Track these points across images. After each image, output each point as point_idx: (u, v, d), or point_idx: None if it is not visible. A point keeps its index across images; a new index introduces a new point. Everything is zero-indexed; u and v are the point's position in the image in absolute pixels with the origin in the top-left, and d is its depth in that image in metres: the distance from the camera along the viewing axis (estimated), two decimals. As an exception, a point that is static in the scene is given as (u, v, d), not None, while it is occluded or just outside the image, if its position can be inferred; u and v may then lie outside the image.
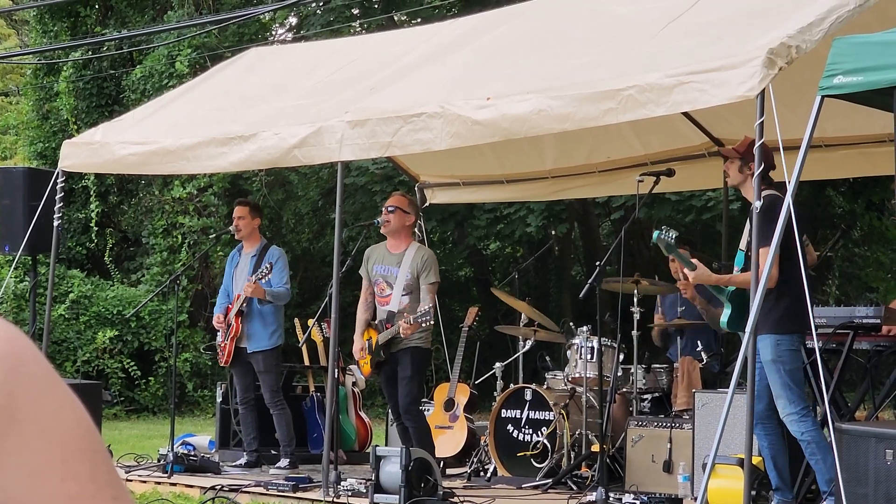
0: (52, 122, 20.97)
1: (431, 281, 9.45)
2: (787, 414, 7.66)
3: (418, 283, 9.45)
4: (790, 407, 7.65)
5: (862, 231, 19.95)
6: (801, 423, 7.63)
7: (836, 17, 7.00)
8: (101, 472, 1.07)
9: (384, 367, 9.60)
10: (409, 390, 9.48)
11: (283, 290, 10.77)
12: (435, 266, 9.58)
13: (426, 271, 9.45)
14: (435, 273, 9.52)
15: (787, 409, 7.66)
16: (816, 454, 7.61)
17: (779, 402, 7.69)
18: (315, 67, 11.13)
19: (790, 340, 7.70)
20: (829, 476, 7.54)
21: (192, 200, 19.48)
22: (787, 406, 7.66)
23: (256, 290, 10.57)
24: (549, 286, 21.94)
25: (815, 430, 7.66)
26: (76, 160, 10.98)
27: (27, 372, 1.04)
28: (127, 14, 21.18)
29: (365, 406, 12.73)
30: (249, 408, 10.95)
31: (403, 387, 9.46)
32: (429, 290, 9.42)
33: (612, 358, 9.71)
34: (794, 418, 7.65)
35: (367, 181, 18.15)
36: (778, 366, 7.66)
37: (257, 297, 10.62)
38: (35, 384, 1.04)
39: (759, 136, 6.96)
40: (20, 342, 1.06)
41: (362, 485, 8.87)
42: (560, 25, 9.51)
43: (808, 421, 7.63)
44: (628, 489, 8.98)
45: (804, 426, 7.62)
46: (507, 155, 11.90)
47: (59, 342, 18.16)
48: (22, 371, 1.04)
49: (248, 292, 10.58)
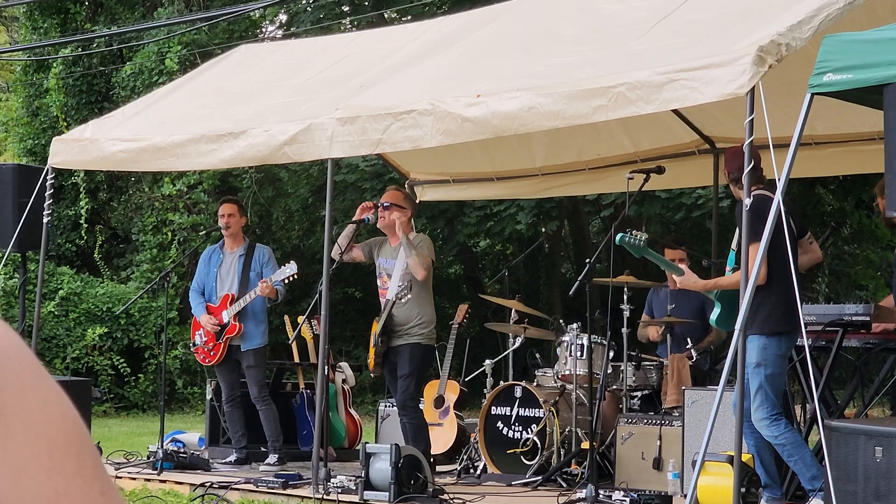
0: (42, 118, 20.92)
1: (424, 253, 9.46)
2: (760, 419, 7.66)
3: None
4: (762, 412, 7.64)
5: (851, 229, 19.96)
6: (772, 426, 7.62)
7: (826, 15, 7.01)
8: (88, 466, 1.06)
9: (387, 360, 9.62)
10: (406, 386, 9.49)
11: (282, 288, 10.80)
12: (427, 243, 9.62)
13: (418, 247, 9.47)
14: (428, 248, 9.55)
15: (758, 414, 7.66)
16: (794, 455, 7.61)
17: (753, 404, 7.67)
18: (305, 64, 11.12)
19: (778, 344, 7.69)
20: (812, 474, 7.55)
21: (182, 197, 19.46)
22: (759, 410, 7.65)
23: (271, 290, 10.57)
24: (538, 284, 21.94)
25: (787, 432, 7.63)
26: (66, 157, 10.97)
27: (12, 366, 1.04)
28: (117, 11, 21.14)
29: (355, 403, 12.73)
30: (236, 405, 10.94)
31: (401, 383, 9.49)
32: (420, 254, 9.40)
33: (602, 355, 9.71)
34: (765, 423, 7.64)
35: (357, 178, 18.14)
36: (760, 369, 7.65)
37: (270, 296, 10.63)
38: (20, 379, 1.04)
39: (748, 133, 6.96)
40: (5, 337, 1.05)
41: (352, 482, 8.86)
42: (550, 23, 9.51)
43: (779, 424, 7.62)
44: (618, 486, 8.98)
45: (776, 430, 7.62)
46: (496, 152, 11.90)
47: (49, 339, 18.12)
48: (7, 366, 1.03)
49: (265, 292, 10.56)
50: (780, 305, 7.57)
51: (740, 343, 6.85)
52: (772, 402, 7.66)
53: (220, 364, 10.93)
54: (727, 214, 14.63)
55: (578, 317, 10.44)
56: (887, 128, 6.26)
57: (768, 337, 7.65)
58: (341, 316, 17.63)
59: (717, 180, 11.59)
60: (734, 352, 6.86)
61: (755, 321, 7.55)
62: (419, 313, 9.54)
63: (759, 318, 7.59)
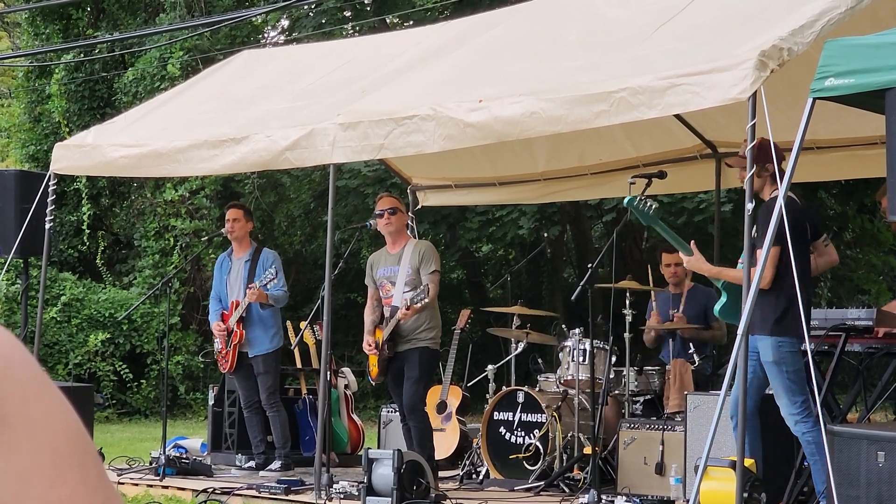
0: (44, 124, 20.93)
1: (431, 270, 9.47)
2: (791, 414, 7.66)
3: (419, 276, 9.46)
4: (792, 408, 7.65)
5: (854, 233, 19.97)
6: (803, 423, 7.63)
7: (828, 20, 7.01)
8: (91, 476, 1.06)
9: (392, 366, 9.59)
10: (415, 390, 9.48)
11: (282, 293, 10.80)
12: (434, 256, 9.61)
13: (426, 262, 9.47)
14: (435, 262, 9.55)
15: (789, 410, 7.66)
16: (816, 455, 7.59)
17: (781, 402, 7.69)
18: (307, 70, 11.13)
19: (791, 342, 7.70)
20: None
21: (184, 203, 19.46)
22: (790, 406, 7.66)
23: (260, 295, 10.58)
24: (541, 288, 21.93)
25: (817, 430, 7.63)
26: (68, 163, 10.97)
27: (15, 375, 1.03)
28: (119, 16, 21.14)
29: (357, 408, 12.72)
30: (254, 411, 10.95)
31: (409, 386, 9.46)
32: (431, 280, 9.43)
33: (605, 360, 9.71)
34: (796, 419, 7.65)
35: (359, 183, 18.13)
36: (780, 367, 7.66)
37: (261, 302, 10.63)
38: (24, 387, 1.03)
39: (750, 138, 6.97)
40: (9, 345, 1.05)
41: (354, 487, 8.86)
42: (552, 28, 9.52)
43: (809, 421, 7.62)
44: (620, 491, 8.98)
45: (806, 426, 7.61)
46: (499, 157, 11.90)
47: (51, 345, 18.13)
48: (10, 374, 1.03)
49: (253, 298, 10.59)
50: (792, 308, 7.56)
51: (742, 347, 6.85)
52: (800, 396, 7.65)
53: (236, 371, 10.95)
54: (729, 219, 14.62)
55: (581, 322, 10.42)
56: (889, 132, 6.25)
57: (780, 336, 7.65)
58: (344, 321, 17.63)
59: (719, 185, 11.59)
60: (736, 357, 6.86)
61: (766, 323, 7.56)
62: (427, 318, 9.53)
63: (772, 321, 7.61)
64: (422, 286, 9.28)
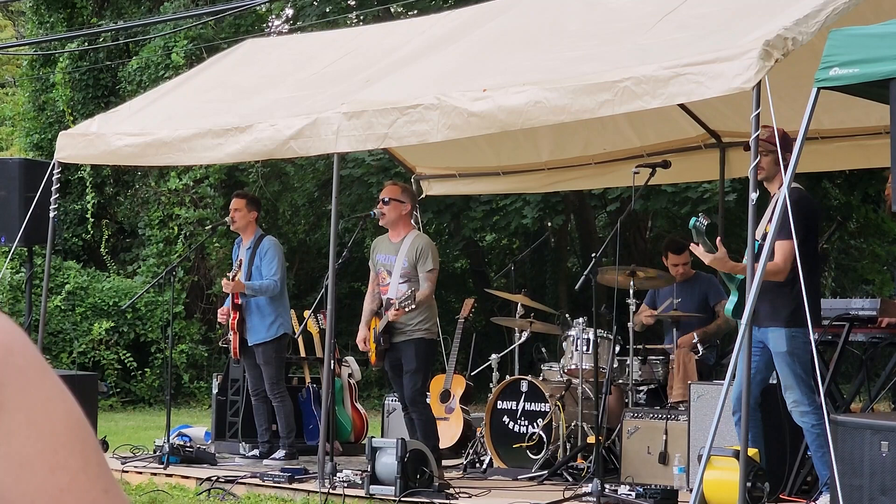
0: (49, 113, 20.93)
1: (429, 268, 9.44)
2: (799, 405, 7.65)
3: (416, 271, 9.44)
4: (802, 398, 7.65)
5: (858, 223, 19.95)
6: (812, 414, 7.62)
7: (833, 10, 7.00)
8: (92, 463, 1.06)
9: (389, 356, 9.58)
10: (414, 382, 9.47)
11: (268, 283, 10.71)
12: (433, 253, 9.55)
13: (422, 259, 9.44)
14: (433, 260, 9.49)
15: (799, 400, 7.65)
16: (823, 447, 7.59)
17: (789, 394, 7.69)
18: (311, 59, 11.12)
19: (804, 333, 7.69)
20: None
21: (188, 192, 19.47)
22: (800, 397, 7.65)
23: (236, 285, 10.61)
24: (545, 278, 21.94)
25: (821, 421, 7.64)
26: (72, 151, 10.98)
27: (16, 362, 1.04)
28: (123, 5, 21.14)
29: (361, 397, 12.73)
30: (261, 399, 10.96)
31: (409, 379, 9.45)
32: (427, 278, 9.41)
33: (608, 349, 9.71)
34: (804, 409, 7.64)
35: (363, 173, 18.13)
36: (793, 358, 7.66)
37: (236, 290, 10.67)
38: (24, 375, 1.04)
39: (754, 128, 6.96)
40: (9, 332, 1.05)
41: (358, 476, 8.87)
42: (556, 18, 9.51)
43: (819, 413, 7.62)
44: (624, 481, 8.98)
45: (815, 418, 7.61)
46: (502, 147, 11.89)
47: (55, 333, 18.15)
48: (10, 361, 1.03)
49: (228, 289, 10.65)
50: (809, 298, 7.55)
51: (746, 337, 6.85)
52: (809, 387, 7.65)
53: (244, 358, 10.97)
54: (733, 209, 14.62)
55: (585, 311, 10.42)
56: (893, 122, 6.25)
57: (794, 327, 7.65)
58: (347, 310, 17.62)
59: (723, 175, 11.58)
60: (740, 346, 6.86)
61: (779, 315, 7.56)
62: (421, 311, 9.50)
63: (786, 313, 7.60)
64: (410, 291, 9.22)
